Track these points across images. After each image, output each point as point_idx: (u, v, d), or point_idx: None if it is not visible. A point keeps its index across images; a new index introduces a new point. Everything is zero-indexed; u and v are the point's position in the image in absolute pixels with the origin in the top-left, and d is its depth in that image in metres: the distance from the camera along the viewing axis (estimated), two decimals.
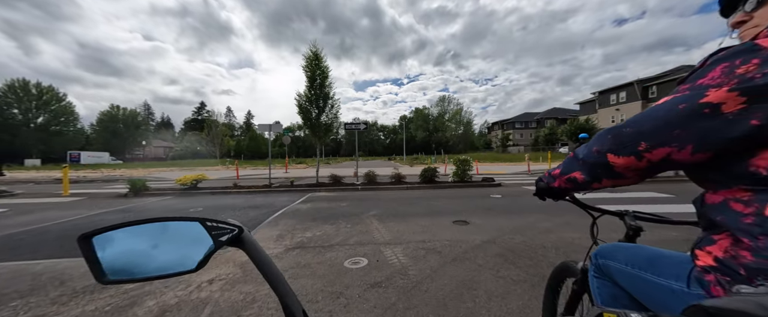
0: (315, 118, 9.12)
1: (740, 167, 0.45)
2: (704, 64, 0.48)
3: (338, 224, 4.33)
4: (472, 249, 3.10)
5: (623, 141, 0.53)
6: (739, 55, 0.44)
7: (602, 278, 0.75)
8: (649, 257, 0.63)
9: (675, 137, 0.47)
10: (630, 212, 0.90)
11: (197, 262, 0.40)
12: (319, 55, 9.10)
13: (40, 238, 3.88)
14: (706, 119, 0.44)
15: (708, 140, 0.45)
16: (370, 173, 9.39)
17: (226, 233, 0.41)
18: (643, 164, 0.52)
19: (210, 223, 0.41)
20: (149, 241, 0.41)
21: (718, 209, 0.49)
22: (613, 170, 0.56)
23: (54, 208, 6.24)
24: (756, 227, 0.42)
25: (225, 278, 2.49)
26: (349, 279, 2.42)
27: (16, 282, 2.47)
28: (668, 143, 0.48)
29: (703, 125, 0.45)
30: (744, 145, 0.44)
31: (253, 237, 0.42)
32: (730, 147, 0.45)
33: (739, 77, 0.42)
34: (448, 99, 76.19)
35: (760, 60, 0.42)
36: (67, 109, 47.28)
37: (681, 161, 0.49)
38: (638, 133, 0.51)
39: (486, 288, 2.20)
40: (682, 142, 0.47)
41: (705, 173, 0.52)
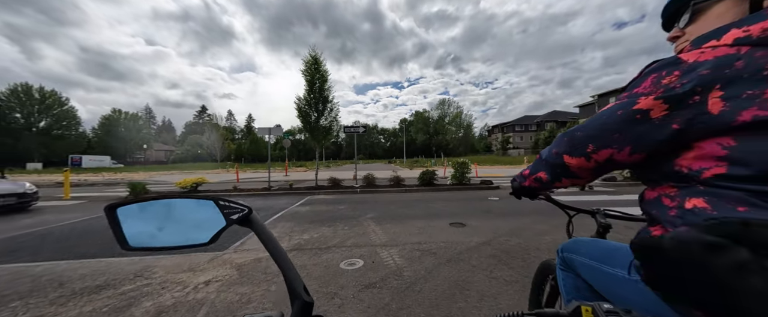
0: (314, 121, 9.19)
1: (668, 167, 0.51)
2: (640, 75, 0.53)
3: (336, 226, 4.36)
4: (467, 250, 3.12)
5: (575, 144, 0.59)
6: (664, 67, 0.49)
7: (567, 271, 0.79)
8: (603, 249, 0.68)
9: (615, 139, 0.53)
10: (601, 211, 0.94)
11: (210, 237, 0.44)
12: (318, 60, 9.20)
13: (41, 241, 3.92)
14: (638, 123, 0.50)
15: (641, 142, 0.51)
16: (369, 176, 9.43)
17: (237, 213, 0.44)
18: (591, 164, 0.58)
19: (222, 202, 0.45)
20: (168, 215, 0.44)
21: (653, 204, 0.54)
22: (569, 170, 0.62)
23: (55, 211, 6.29)
24: (678, 219, 0.48)
25: (221, 279, 2.52)
26: (344, 280, 2.44)
27: (16, 283, 2.50)
28: (610, 145, 0.54)
29: (637, 129, 0.51)
30: (670, 146, 0.49)
31: (259, 218, 0.45)
32: (659, 149, 0.50)
33: (663, 87, 0.48)
34: (448, 102, 76.55)
35: (680, 72, 0.47)
36: (69, 113, 47.61)
37: (622, 161, 0.55)
38: (586, 136, 0.57)
39: (478, 288, 2.23)
40: (621, 144, 0.53)
41: (643, 173, 0.57)
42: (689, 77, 0.46)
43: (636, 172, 0.59)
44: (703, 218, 0.39)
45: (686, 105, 0.46)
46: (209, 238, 0.44)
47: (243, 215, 0.45)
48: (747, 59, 0.43)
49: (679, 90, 0.46)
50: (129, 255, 3.14)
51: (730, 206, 0.43)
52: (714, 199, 0.44)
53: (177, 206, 0.45)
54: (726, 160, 0.44)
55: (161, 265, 2.85)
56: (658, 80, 0.49)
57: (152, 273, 2.68)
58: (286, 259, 0.42)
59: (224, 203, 0.45)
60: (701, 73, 0.45)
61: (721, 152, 0.44)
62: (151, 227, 0.44)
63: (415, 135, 73.04)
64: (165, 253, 3.24)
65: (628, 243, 0.51)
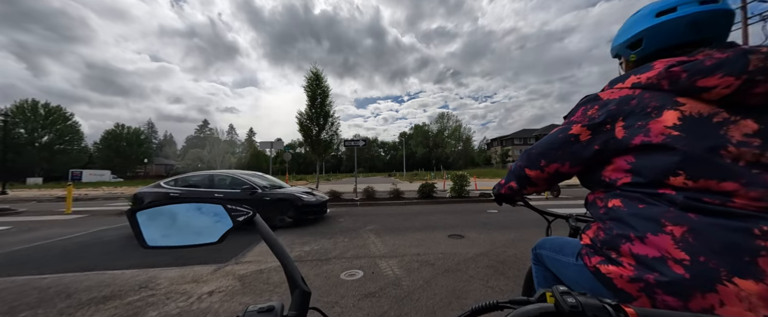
0: (315, 135, 9.40)
1: (598, 177, 0.66)
2: (575, 106, 0.71)
3: (336, 238, 4.42)
4: (464, 261, 3.19)
5: (531, 159, 0.76)
6: (589, 102, 0.67)
7: (538, 264, 0.94)
8: (560, 243, 0.82)
9: (559, 156, 0.70)
10: (573, 216, 1.08)
11: (219, 237, 0.50)
12: (319, 76, 9.53)
13: (46, 254, 3.98)
14: (572, 144, 0.66)
15: (575, 158, 0.67)
16: (369, 189, 9.51)
17: (243, 215, 0.51)
18: (545, 175, 0.75)
19: (230, 206, 0.52)
20: (181, 218, 0.50)
21: (591, 205, 0.69)
22: (530, 180, 0.79)
23: (57, 225, 6.34)
24: (604, 216, 0.62)
25: (224, 290, 2.58)
26: (344, 289, 2.51)
27: (24, 295, 2.56)
28: (556, 160, 0.71)
29: (572, 148, 0.67)
30: (595, 162, 0.65)
31: (262, 220, 0.52)
32: (589, 163, 0.67)
33: (588, 117, 0.64)
34: (448, 116, 77.46)
35: (598, 106, 0.64)
36: (72, 128, 48.09)
37: (565, 172, 0.72)
38: (539, 153, 0.74)
39: (475, 297, 2.30)
40: (563, 160, 0.69)
41: (584, 182, 0.73)
42: (603, 111, 0.62)
43: (580, 181, 0.74)
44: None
45: (602, 131, 0.62)
46: (218, 237, 0.50)
47: (247, 217, 0.51)
48: (639, 99, 0.59)
49: (598, 120, 0.62)
50: (133, 267, 3.20)
51: (634, 204, 0.57)
52: (625, 200, 0.59)
53: (189, 209, 0.51)
54: (630, 172, 0.59)
55: (165, 276, 2.92)
56: (585, 111, 0.66)
57: (157, 284, 2.74)
58: (285, 254, 0.47)
59: (231, 206, 0.52)
60: (610, 108, 0.61)
61: (627, 166, 0.59)
62: (166, 228, 0.49)
63: (414, 148, 73.45)
64: (179, 250, 3.31)
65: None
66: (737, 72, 0.50)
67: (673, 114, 0.54)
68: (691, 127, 0.52)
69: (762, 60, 0.49)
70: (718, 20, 0.61)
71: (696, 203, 0.50)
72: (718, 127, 0.51)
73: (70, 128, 47.96)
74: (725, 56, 0.51)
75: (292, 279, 0.45)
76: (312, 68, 9.64)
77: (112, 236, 5.10)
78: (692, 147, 0.51)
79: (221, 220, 0.51)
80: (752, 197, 0.47)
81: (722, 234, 0.47)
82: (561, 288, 0.38)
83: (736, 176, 0.49)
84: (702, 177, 0.50)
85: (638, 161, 0.57)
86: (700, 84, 0.53)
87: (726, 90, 0.51)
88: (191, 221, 0.50)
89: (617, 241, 0.56)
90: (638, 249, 0.53)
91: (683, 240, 0.49)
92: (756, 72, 0.49)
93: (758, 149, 0.49)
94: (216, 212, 0.51)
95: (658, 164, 0.54)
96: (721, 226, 0.47)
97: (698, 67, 0.53)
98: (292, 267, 0.46)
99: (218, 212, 0.51)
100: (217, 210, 0.51)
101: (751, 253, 0.44)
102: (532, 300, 0.40)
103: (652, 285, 0.49)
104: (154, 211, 0.50)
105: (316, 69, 9.61)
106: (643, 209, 0.55)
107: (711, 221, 0.48)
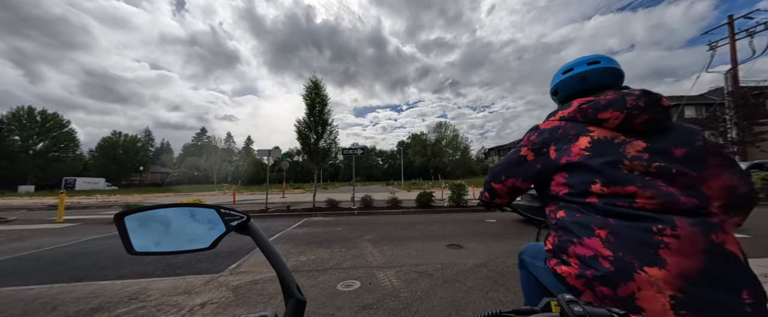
0: (313, 143, 9.38)
1: (548, 191, 0.79)
2: (525, 133, 0.86)
3: (333, 248, 4.35)
4: (463, 272, 3.14)
5: (495, 175, 0.92)
6: (533, 131, 0.84)
7: (523, 269, 1.01)
8: (537, 249, 0.91)
9: (513, 173, 0.86)
10: (544, 223, 1.12)
11: (211, 242, 0.48)
12: (318, 84, 9.59)
13: (33, 264, 3.87)
14: (522, 164, 0.83)
15: (525, 175, 0.84)
16: (366, 198, 9.44)
17: (236, 220, 0.49)
18: (505, 188, 0.91)
19: (223, 210, 0.49)
20: (172, 222, 0.48)
21: (548, 217, 0.80)
22: (496, 192, 0.95)
23: (48, 234, 6.20)
24: (555, 225, 0.73)
25: (217, 301, 2.51)
26: (341, 301, 2.45)
27: (8, 307, 2.47)
28: (511, 176, 0.87)
29: (522, 167, 0.83)
30: (541, 178, 0.80)
31: (256, 225, 0.50)
32: (536, 180, 0.82)
33: (531, 142, 0.81)
34: (445, 125, 77.87)
35: (537, 134, 0.81)
36: (68, 135, 47.68)
37: (520, 187, 0.88)
38: (500, 171, 0.91)
39: (474, 308, 2.24)
40: (516, 176, 0.85)
41: (541, 197, 0.84)
42: (541, 137, 0.80)
43: (538, 194, 0.86)
44: None
45: (541, 153, 0.79)
46: (210, 243, 0.47)
47: (241, 221, 0.48)
48: (563, 128, 0.77)
49: (538, 145, 0.80)
50: (123, 278, 3.11)
51: (573, 213, 0.69)
52: (567, 210, 0.71)
53: (181, 214, 0.48)
54: (566, 186, 0.72)
55: (156, 288, 2.84)
56: (529, 137, 0.83)
57: (147, 295, 2.66)
58: (280, 261, 0.45)
59: (225, 211, 0.49)
60: (545, 135, 0.79)
61: (563, 181, 0.73)
62: (156, 233, 0.47)
63: (412, 158, 73.51)
64: (168, 256, 3.22)
65: None
66: (620, 108, 0.69)
67: (585, 139, 0.72)
68: (598, 147, 0.70)
69: (635, 100, 0.69)
70: (601, 74, 0.83)
71: (613, 207, 0.63)
72: (618, 146, 0.68)
73: (66, 135, 47.55)
74: (613, 97, 0.71)
75: (287, 288, 0.43)
76: (311, 77, 9.72)
77: (104, 245, 4.99)
78: (601, 164, 0.67)
79: (214, 225, 0.49)
80: (647, 197, 0.62)
81: (633, 233, 0.59)
82: (567, 296, 0.37)
83: (633, 182, 0.64)
84: (611, 184, 0.65)
85: (569, 176, 0.72)
86: (600, 116, 0.72)
87: (616, 120, 0.70)
88: (183, 226, 0.48)
89: (565, 245, 0.67)
90: (579, 250, 0.64)
91: (607, 241, 0.61)
92: (632, 108, 0.69)
93: (647, 162, 0.65)
94: (209, 217, 0.49)
95: (581, 178, 0.69)
96: (632, 227, 0.60)
97: (597, 105, 0.73)
98: (287, 275, 0.44)
99: (211, 216, 0.49)
100: (210, 215, 0.49)
101: (653, 247, 0.56)
102: (537, 310, 0.39)
103: (591, 279, 0.60)
104: (144, 215, 0.47)
105: (315, 77, 9.68)
106: (580, 218, 0.67)
107: (625, 223, 0.61)
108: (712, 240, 0.56)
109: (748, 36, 13.74)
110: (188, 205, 0.49)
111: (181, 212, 0.49)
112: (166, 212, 0.48)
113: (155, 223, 0.47)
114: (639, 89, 0.72)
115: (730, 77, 11.80)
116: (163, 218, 0.48)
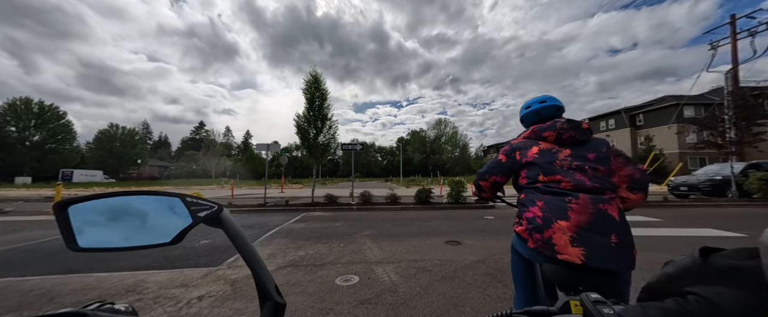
0: (312, 138, 9.33)
1: (518, 183, 1.20)
2: (502, 148, 1.27)
3: (331, 243, 4.34)
4: (461, 268, 3.14)
5: (481, 175, 1.32)
6: (507, 144, 1.26)
7: (513, 252, 1.21)
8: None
9: (495, 171, 1.27)
10: None
11: (173, 236, 0.40)
12: (318, 79, 9.51)
13: (29, 255, 3.84)
14: (500, 164, 1.25)
15: (503, 172, 1.25)
16: (365, 194, 9.43)
17: (205, 210, 0.41)
18: (489, 183, 1.31)
19: (190, 199, 0.42)
20: (127, 213, 0.40)
21: (519, 201, 1.14)
22: (481, 188, 1.35)
23: (43, 226, 6.16)
24: (522, 206, 1.08)
25: (215, 295, 2.49)
26: (339, 296, 2.44)
27: (4, 298, 2.45)
28: (493, 174, 1.28)
29: (500, 167, 1.25)
30: (512, 173, 1.23)
31: (231, 217, 0.43)
32: (508, 174, 1.25)
33: (505, 152, 1.24)
34: (445, 122, 77.83)
35: (510, 146, 1.24)
36: (65, 127, 47.28)
37: (500, 181, 1.29)
38: (486, 171, 1.31)
39: (472, 304, 2.24)
40: (497, 173, 1.27)
41: (515, 187, 1.24)
42: (511, 148, 1.22)
43: (514, 186, 1.25)
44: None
45: (511, 157, 1.21)
46: (172, 237, 0.40)
47: (212, 212, 0.42)
48: (524, 142, 1.20)
49: (509, 152, 1.22)
50: (120, 270, 3.09)
51: (528, 194, 1.08)
52: (525, 192, 1.11)
53: (138, 203, 0.41)
54: (525, 177, 1.14)
55: (154, 280, 2.82)
56: (504, 149, 1.26)
57: (145, 288, 2.64)
58: (257, 259, 0.40)
59: (192, 200, 0.42)
60: (514, 146, 1.22)
61: (524, 174, 1.15)
62: (106, 225, 0.39)
63: (412, 154, 73.47)
64: (120, 253, 3.21)
65: None
66: (554, 129, 1.12)
67: (536, 148, 1.15)
68: (542, 154, 1.12)
69: (562, 124, 1.10)
70: (549, 109, 1.25)
71: (548, 188, 1.04)
72: (554, 153, 1.10)
73: (63, 127, 47.14)
74: (550, 123, 1.15)
75: (263, 289, 0.38)
76: (311, 71, 9.62)
77: None
78: (543, 162, 1.09)
79: (178, 216, 0.41)
80: (566, 182, 1.01)
81: (555, 203, 0.98)
82: (593, 296, 0.34)
83: (560, 173, 1.04)
84: (548, 174, 1.06)
85: (527, 171, 1.15)
86: (543, 135, 1.15)
87: (552, 137, 1.13)
88: (139, 217, 0.40)
89: (522, 213, 1.06)
90: (528, 215, 1.02)
91: (542, 208, 0.99)
92: (560, 130, 1.11)
93: (569, 162, 1.06)
94: (172, 207, 0.41)
95: (533, 172, 1.11)
96: (555, 199, 0.98)
97: (541, 128, 1.16)
98: (263, 274, 0.39)
99: (175, 206, 0.41)
100: (174, 204, 0.41)
101: (564, 210, 0.94)
102: (554, 311, 0.36)
103: (531, 230, 0.98)
104: (92, 205, 0.39)
105: (315, 72, 9.59)
106: (530, 196, 1.07)
107: (552, 197, 1.00)
108: (598, 207, 0.93)
109: (750, 36, 13.69)
110: (147, 193, 0.41)
111: (138, 200, 0.41)
112: (120, 200, 0.40)
113: (106, 214, 0.39)
114: (566, 119, 1.14)
115: (731, 77, 11.78)
116: (117, 208, 0.40)
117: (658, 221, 6.01)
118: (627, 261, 0.87)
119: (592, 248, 0.85)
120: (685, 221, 5.93)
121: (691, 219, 6.22)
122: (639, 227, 5.29)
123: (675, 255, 0.34)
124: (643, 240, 4.26)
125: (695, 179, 10.62)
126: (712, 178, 10.18)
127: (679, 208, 8.15)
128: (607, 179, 1.02)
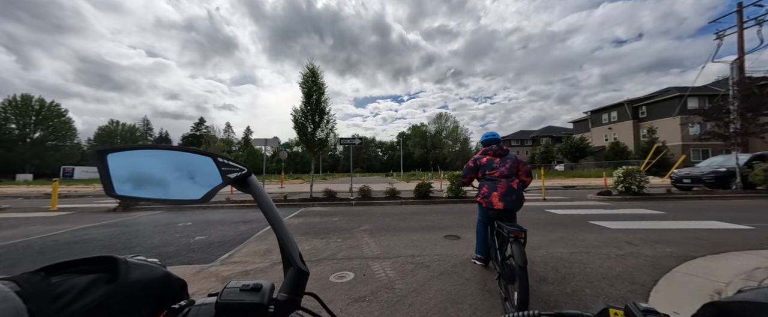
0: (310, 133, 9.21)
1: (477, 175, 2.87)
2: (470, 160, 2.96)
3: (328, 238, 4.27)
4: (460, 263, 3.06)
5: (464, 175, 2.95)
6: (474, 159, 2.91)
7: (479, 216, 2.96)
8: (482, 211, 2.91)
9: (468, 172, 2.91)
10: None
11: (203, 194, 0.41)
12: (315, 72, 9.34)
13: (21, 252, 3.78)
14: (470, 168, 2.89)
15: (473, 173, 2.88)
16: (364, 189, 9.35)
17: (235, 172, 0.43)
18: (467, 179, 2.94)
19: (221, 160, 0.43)
20: (161, 166, 0.41)
21: (479, 185, 2.79)
22: (464, 183, 2.98)
23: (39, 222, 6.11)
24: (480, 187, 2.75)
25: (206, 292, 2.41)
26: (332, 293, 2.36)
27: None
28: (469, 173, 2.90)
29: (470, 169, 2.89)
30: (475, 172, 2.87)
31: (258, 182, 0.44)
32: (475, 174, 2.88)
33: (473, 160, 2.91)
34: (446, 116, 77.36)
35: (475, 158, 2.90)
36: (65, 124, 47.20)
37: (472, 176, 2.90)
38: (464, 173, 2.95)
39: (471, 301, 2.16)
40: (470, 173, 2.89)
41: (477, 177, 2.88)
42: (474, 159, 2.90)
43: (476, 178, 2.88)
44: None
45: (475, 164, 2.86)
46: (202, 195, 0.41)
47: (241, 175, 0.43)
48: (480, 156, 2.88)
49: (474, 162, 2.89)
50: None
51: (481, 180, 2.79)
52: (481, 182, 2.77)
53: (172, 158, 0.42)
54: (481, 173, 2.81)
55: None
56: (472, 159, 2.93)
57: None
58: (283, 226, 0.41)
59: (223, 161, 0.43)
60: (476, 159, 2.88)
61: (480, 172, 2.82)
62: (141, 176, 0.40)
63: (412, 149, 73.22)
64: (154, 204, 3.12)
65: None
66: (492, 150, 2.81)
67: (485, 158, 2.79)
68: (488, 161, 2.77)
69: (496, 147, 2.82)
70: (494, 140, 2.93)
71: (490, 177, 2.68)
72: (492, 161, 2.75)
73: (64, 124, 47.10)
74: (490, 146, 2.85)
75: (288, 255, 0.39)
76: (308, 64, 9.44)
77: (94, 234, 4.90)
78: (489, 167, 2.74)
79: (209, 175, 0.43)
80: (497, 174, 2.65)
81: (492, 185, 2.60)
82: (643, 305, 0.32)
83: (495, 170, 2.68)
84: (489, 170, 2.72)
85: (481, 170, 2.80)
86: (488, 152, 2.82)
87: (491, 152, 2.80)
88: (173, 173, 0.41)
89: (479, 190, 2.71)
90: (483, 191, 2.64)
91: (488, 187, 2.61)
92: (495, 149, 2.80)
93: (498, 166, 2.70)
94: (204, 166, 0.43)
95: (483, 170, 2.77)
96: (493, 183, 2.61)
97: (487, 149, 2.84)
98: (288, 241, 0.40)
99: (207, 165, 0.43)
100: (206, 163, 0.43)
101: (495, 187, 2.56)
102: (588, 315, 0.34)
103: (483, 196, 2.62)
104: (130, 154, 0.40)
105: (312, 65, 9.41)
106: (483, 182, 2.73)
107: (491, 181, 2.63)
108: (510, 184, 2.55)
109: (757, 24, 13.38)
110: (182, 149, 0.43)
111: (172, 155, 0.42)
112: (156, 154, 0.41)
113: (142, 165, 0.41)
114: (497, 144, 2.85)
115: (736, 67, 11.54)
116: (152, 161, 0.41)
117: (662, 213, 5.90)
118: (518, 206, 2.51)
119: (506, 202, 2.47)
120: (690, 214, 5.82)
121: (695, 212, 6.11)
122: (641, 220, 5.19)
123: (681, 249, 0.26)
124: (646, 232, 4.15)
125: (699, 171, 10.48)
126: (716, 170, 10.04)
127: (684, 200, 8.04)
128: (513, 171, 2.64)
